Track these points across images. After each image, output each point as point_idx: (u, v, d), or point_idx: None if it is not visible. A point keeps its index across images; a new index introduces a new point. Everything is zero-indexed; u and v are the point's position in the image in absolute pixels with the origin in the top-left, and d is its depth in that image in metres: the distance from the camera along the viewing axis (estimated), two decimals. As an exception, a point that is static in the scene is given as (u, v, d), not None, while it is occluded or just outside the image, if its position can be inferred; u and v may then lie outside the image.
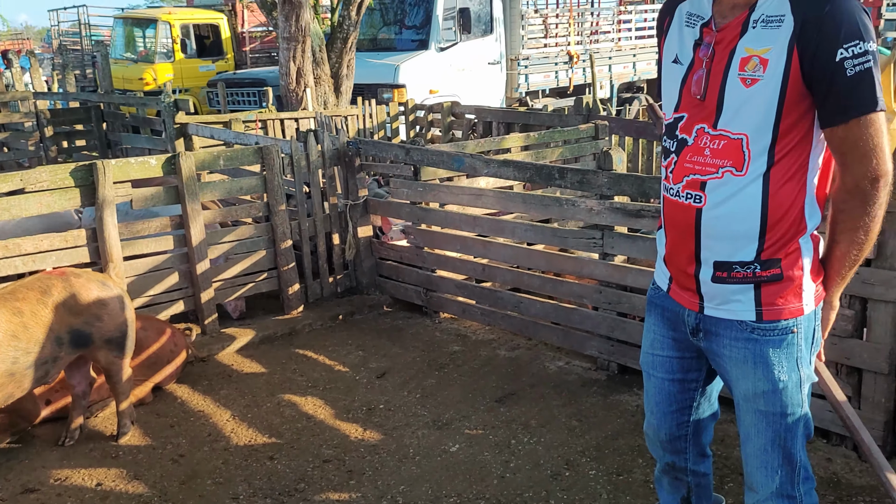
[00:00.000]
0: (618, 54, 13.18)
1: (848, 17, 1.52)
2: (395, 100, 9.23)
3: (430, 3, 10.43)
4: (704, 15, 1.71)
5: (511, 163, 4.08)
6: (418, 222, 4.65)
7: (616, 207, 3.59)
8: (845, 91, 1.52)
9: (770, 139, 1.61)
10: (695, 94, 1.69)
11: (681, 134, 1.73)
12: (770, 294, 1.68)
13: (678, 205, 1.74)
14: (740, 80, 1.61)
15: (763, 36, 1.59)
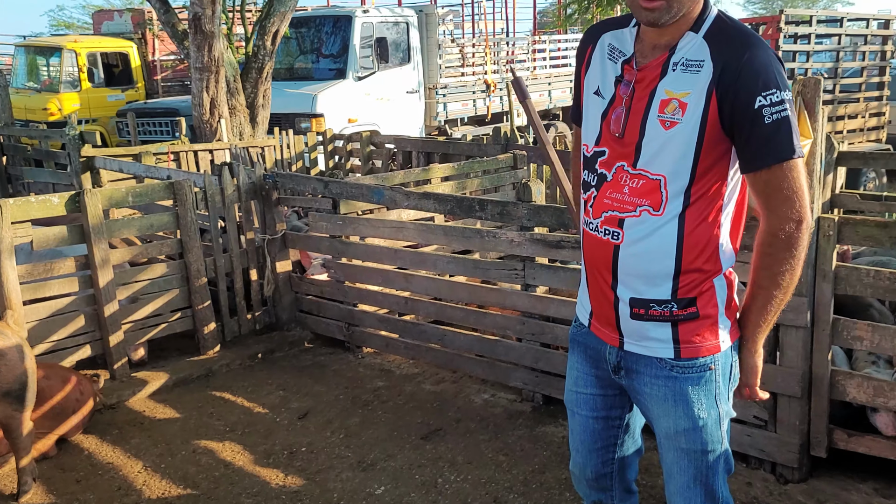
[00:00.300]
0: (533, 82, 13.43)
1: (765, 66, 1.54)
2: (313, 129, 9.13)
3: (346, 32, 10.41)
4: (626, 51, 1.72)
5: (431, 195, 4.06)
6: (339, 256, 4.56)
7: (536, 239, 3.61)
8: (764, 138, 1.54)
9: (687, 181, 1.63)
10: (614, 132, 1.70)
11: (601, 169, 1.73)
12: (687, 332, 1.70)
13: (597, 239, 1.75)
14: (660, 122, 1.62)
15: (683, 79, 1.61)
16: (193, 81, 7.61)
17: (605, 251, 1.73)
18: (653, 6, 1.56)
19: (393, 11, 11.25)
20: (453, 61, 12.31)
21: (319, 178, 4.62)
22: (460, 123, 12.21)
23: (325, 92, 9.81)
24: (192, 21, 7.29)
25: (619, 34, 1.76)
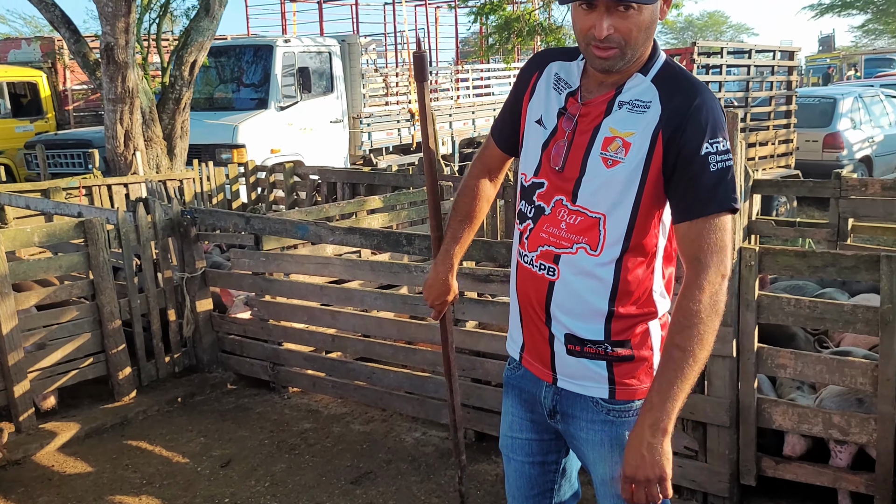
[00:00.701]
0: (457, 111, 13.53)
1: (713, 115, 1.53)
2: (234, 161, 8.92)
3: (268, 61, 10.25)
4: (572, 84, 1.68)
5: (357, 230, 3.98)
6: (262, 294, 4.41)
7: (465, 273, 3.56)
8: (708, 186, 1.51)
9: (627, 223, 1.59)
10: (554, 165, 1.66)
11: (538, 201, 1.69)
12: (622, 373, 1.66)
13: (531, 273, 1.71)
14: (602, 159, 1.59)
15: (628, 119, 1.58)
16: (106, 113, 7.33)
17: (539, 286, 1.69)
18: (607, 55, 1.52)
19: (315, 41, 11.16)
20: (377, 90, 12.29)
21: (240, 213, 4.47)
22: (385, 152, 12.16)
23: (247, 122, 9.62)
24: (105, 51, 7.04)
25: (567, 66, 1.72)
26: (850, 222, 4.94)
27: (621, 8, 1.48)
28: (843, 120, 9.98)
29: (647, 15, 1.50)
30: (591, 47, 1.53)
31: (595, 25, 1.49)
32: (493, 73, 15.15)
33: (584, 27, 1.52)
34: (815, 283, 4.16)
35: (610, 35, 1.49)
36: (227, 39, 13.65)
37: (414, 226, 5.69)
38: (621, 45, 1.50)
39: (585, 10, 1.51)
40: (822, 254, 2.86)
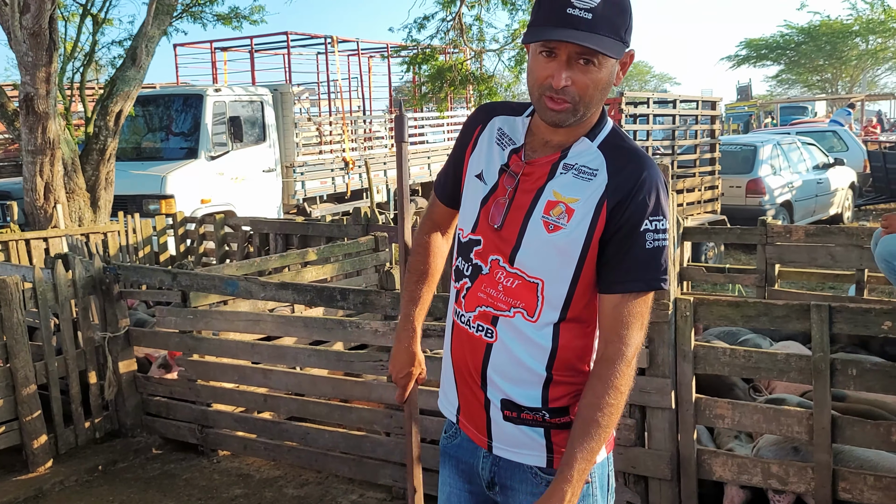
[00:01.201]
0: (392, 159, 13.55)
1: (658, 191, 1.51)
2: (162, 212, 8.66)
3: (198, 110, 10.08)
4: (516, 140, 1.63)
5: (290, 285, 3.86)
6: (190, 353, 4.23)
7: (401, 328, 3.48)
8: (641, 261, 1.49)
9: (566, 291, 1.55)
10: (492, 223, 1.60)
11: (476, 259, 1.63)
12: (561, 441, 1.60)
13: (468, 334, 1.64)
14: (543, 223, 1.54)
15: (573, 185, 1.54)
16: (25, 165, 7.03)
17: (476, 348, 1.62)
18: (560, 108, 1.48)
19: (247, 90, 11.05)
20: (311, 139, 12.21)
21: (166, 269, 4.30)
22: (319, 201, 12.04)
23: (176, 172, 9.39)
24: (24, 101, 6.78)
25: (511, 121, 1.67)
26: (777, 268, 5.07)
27: (582, 61, 1.45)
28: (764, 166, 10.38)
29: (605, 73, 1.48)
30: (545, 98, 1.49)
31: (553, 75, 1.46)
32: (427, 122, 15.29)
33: (542, 75, 1.48)
34: (746, 329, 4.23)
35: (567, 87, 1.46)
36: (156, 88, 13.42)
37: (349, 278, 5.58)
38: (575, 100, 1.47)
39: (546, 57, 1.47)
40: (755, 304, 2.90)
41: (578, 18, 1.41)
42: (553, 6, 1.43)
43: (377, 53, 15.87)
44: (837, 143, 14.53)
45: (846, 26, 37.84)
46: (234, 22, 9.69)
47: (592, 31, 1.41)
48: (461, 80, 13.23)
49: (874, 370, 2.71)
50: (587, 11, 1.41)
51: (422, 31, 12.36)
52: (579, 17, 1.41)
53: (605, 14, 1.42)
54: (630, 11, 1.49)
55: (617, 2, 1.45)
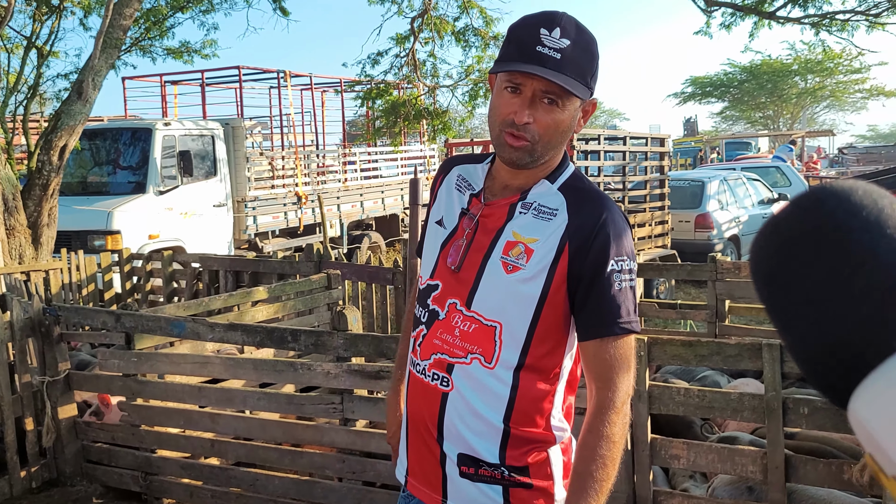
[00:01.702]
0: (345, 193, 13.48)
1: (621, 231, 1.49)
2: (108, 248, 8.44)
3: (146, 144, 9.90)
4: (475, 185, 1.62)
5: (239, 326, 3.76)
6: (133, 396, 4.07)
7: (354, 370, 3.41)
8: (613, 305, 1.46)
9: (524, 335, 1.49)
10: (451, 265, 1.56)
11: (433, 304, 1.58)
12: (520, 500, 1.54)
13: (423, 384, 1.58)
14: (502, 263, 1.51)
15: (533, 225, 1.51)
16: (-37, 200, 6.80)
17: (431, 398, 1.56)
18: (519, 145, 1.46)
19: (197, 124, 10.91)
20: (263, 173, 12.10)
21: (109, 310, 4.16)
22: (272, 236, 11.89)
23: (123, 207, 9.18)
24: (-36, 134, 6.58)
25: (471, 168, 1.67)
26: (728, 303, 5.14)
27: (546, 101, 1.44)
28: (712, 201, 10.61)
29: (567, 115, 1.46)
30: (505, 134, 1.47)
31: (517, 111, 1.44)
32: (382, 157, 15.30)
33: (506, 111, 1.46)
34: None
35: (528, 124, 1.44)
36: (105, 121, 13.18)
37: (301, 316, 5.48)
38: (535, 139, 1.45)
39: (510, 93, 1.46)
40: (707, 343, 2.91)
41: (547, 56, 1.41)
42: (522, 42, 1.44)
43: (331, 88, 15.88)
44: (781, 178, 14.96)
45: (786, 66, 39.33)
46: (185, 56, 9.59)
47: (560, 71, 1.41)
48: (415, 115, 13.30)
49: (825, 408, 2.73)
50: (556, 51, 1.41)
51: (375, 67, 12.41)
52: (548, 55, 1.41)
53: (574, 56, 1.42)
54: (597, 58, 1.49)
55: (585, 46, 1.45)
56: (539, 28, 1.43)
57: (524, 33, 1.44)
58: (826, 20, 8.59)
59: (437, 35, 12.08)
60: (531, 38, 1.42)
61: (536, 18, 1.45)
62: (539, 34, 1.42)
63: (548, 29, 1.42)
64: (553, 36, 1.42)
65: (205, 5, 8.85)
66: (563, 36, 1.42)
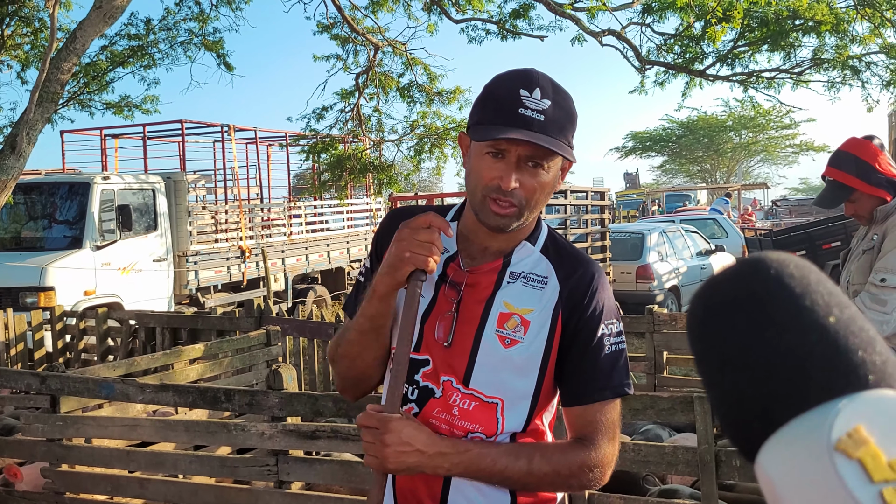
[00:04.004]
0: (291, 247, 13.39)
1: (608, 294, 1.47)
2: (41, 305, 8.17)
3: (84, 199, 9.70)
4: (448, 247, 1.50)
5: (171, 387, 3.65)
6: (58, 462, 3.90)
7: (290, 430, 3.34)
8: (605, 369, 1.43)
9: (528, 410, 1.45)
10: (440, 340, 1.46)
11: (424, 381, 1.47)
12: None
13: None
14: (498, 337, 1.44)
15: (525, 294, 1.45)
16: None
17: (432, 482, 1.45)
18: (506, 212, 1.39)
19: (137, 178, 10.76)
20: (206, 227, 11.95)
21: (34, 372, 4.01)
22: (214, 291, 11.69)
23: (57, 262, 8.92)
24: None
25: None
26: (665, 355, 5.22)
27: (531, 164, 1.38)
28: (652, 253, 10.85)
29: (552, 177, 1.42)
30: (490, 200, 1.39)
31: (502, 177, 1.37)
32: (328, 210, 15.28)
33: (489, 177, 1.38)
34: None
35: (515, 190, 1.37)
36: (42, 175, 12.89)
37: (240, 374, 5.37)
38: (522, 203, 1.39)
39: (493, 158, 1.38)
40: (640, 397, 2.94)
41: (531, 119, 1.35)
42: (503, 105, 1.37)
43: (276, 142, 15.87)
44: (718, 229, 15.43)
45: (721, 121, 40.94)
46: (125, 111, 9.49)
47: (545, 133, 1.35)
48: (361, 169, 13.36)
49: (756, 460, 2.76)
50: (539, 113, 1.36)
51: (321, 121, 12.47)
52: (532, 117, 1.35)
53: (556, 117, 1.38)
54: (576, 117, 1.44)
55: (566, 106, 1.41)
56: (518, 89, 1.37)
57: (503, 95, 1.38)
58: (753, 78, 8.98)
59: (381, 91, 12.24)
60: (511, 100, 1.36)
61: (514, 79, 1.40)
62: (520, 96, 1.36)
63: (528, 90, 1.37)
64: (534, 97, 1.36)
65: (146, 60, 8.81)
66: (544, 96, 1.37)
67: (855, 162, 2.83)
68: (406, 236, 1.36)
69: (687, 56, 8.80)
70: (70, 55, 7.23)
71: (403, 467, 1.31)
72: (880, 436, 0.46)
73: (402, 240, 1.36)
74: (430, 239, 1.35)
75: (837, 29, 7.74)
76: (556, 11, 8.09)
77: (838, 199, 2.94)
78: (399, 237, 1.37)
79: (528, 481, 1.37)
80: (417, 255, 1.34)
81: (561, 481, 1.39)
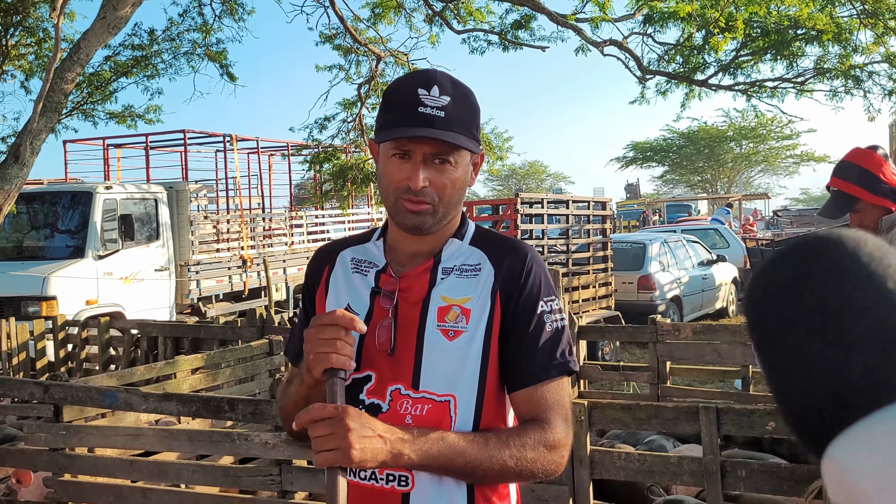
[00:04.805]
0: (292, 256, 13.39)
1: (544, 272, 1.47)
2: (43, 314, 8.17)
3: (87, 208, 9.71)
4: (377, 262, 1.50)
5: (174, 396, 3.65)
6: (60, 472, 3.89)
7: (291, 439, 3.33)
8: (548, 347, 1.41)
9: (475, 399, 1.41)
10: (382, 349, 1.42)
11: (370, 399, 1.41)
12: None
13: (375, 491, 1.39)
14: (441, 332, 1.41)
15: (460, 285, 1.45)
16: None
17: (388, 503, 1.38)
18: (420, 209, 1.39)
19: (140, 188, 10.78)
20: (207, 237, 11.96)
21: (37, 381, 4.00)
22: (216, 300, 11.69)
23: (60, 272, 8.93)
24: None
25: (362, 248, 1.56)
26: (668, 365, 5.21)
27: (437, 161, 1.39)
28: (653, 263, 10.85)
29: (461, 172, 1.42)
30: (402, 201, 1.40)
31: (410, 176, 1.38)
32: (329, 220, 15.29)
33: (398, 178, 1.40)
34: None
35: (425, 188, 1.38)
36: (45, 184, 12.92)
37: (243, 384, 5.36)
38: (434, 200, 1.40)
39: (399, 160, 1.40)
40: (645, 406, 2.93)
41: (432, 117, 1.36)
42: (402, 106, 1.38)
43: (277, 152, 15.90)
44: (719, 240, 15.43)
45: (721, 132, 41.00)
46: (128, 121, 9.52)
47: (447, 129, 1.36)
48: (363, 179, 13.38)
49: (761, 471, 2.76)
50: (439, 110, 1.37)
51: (323, 132, 12.50)
52: (432, 115, 1.36)
53: (456, 112, 1.38)
54: (479, 111, 1.46)
55: (465, 100, 1.42)
56: (416, 88, 1.38)
57: (402, 96, 1.39)
58: (755, 87, 9.01)
59: (383, 101, 12.27)
60: (411, 100, 1.37)
61: (411, 80, 1.42)
62: (418, 95, 1.37)
63: (426, 88, 1.38)
64: (433, 94, 1.37)
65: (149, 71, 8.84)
66: (443, 93, 1.38)
67: (859, 172, 2.83)
68: (311, 336, 1.29)
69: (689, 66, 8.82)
70: (74, 65, 7.26)
71: (368, 455, 1.24)
72: None
73: (308, 340, 1.29)
74: (334, 336, 1.27)
75: (839, 38, 7.76)
76: (559, 22, 8.12)
77: (843, 209, 2.94)
78: (306, 336, 1.30)
79: (489, 466, 1.32)
80: (321, 356, 1.27)
81: (524, 465, 1.34)
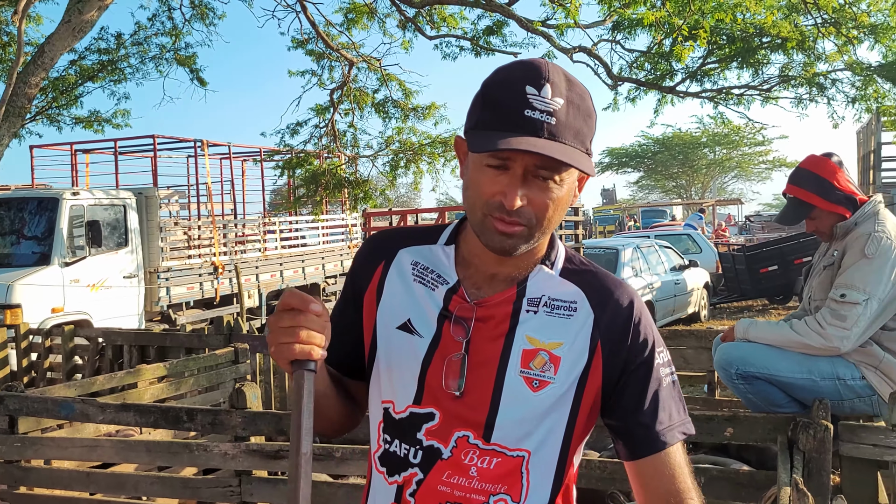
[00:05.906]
0: (265, 263, 13.29)
1: (651, 319, 1.26)
2: (7, 322, 8.02)
3: (53, 214, 9.56)
4: (448, 277, 1.27)
5: (132, 406, 3.59)
6: (16, 485, 3.80)
7: (253, 449, 3.29)
8: (671, 405, 1.23)
9: (556, 460, 1.23)
10: (449, 389, 1.22)
11: (429, 440, 1.22)
12: None
13: None
14: (524, 380, 1.21)
15: (550, 325, 1.23)
16: None
17: None
18: (512, 231, 1.16)
19: (108, 193, 10.64)
20: (178, 243, 11.83)
21: (-8, 392, 3.91)
22: (186, 307, 11.56)
23: (25, 279, 8.79)
24: None
25: (426, 251, 1.31)
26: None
27: (541, 177, 1.15)
28: (626, 268, 10.90)
29: (566, 191, 1.18)
30: (492, 219, 1.16)
31: (506, 192, 1.14)
32: (303, 225, 15.21)
33: (490, 192, 1.15)
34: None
35: (522, 208, 1.14)
36: (10, 190, 12.71)
37: (208, 392, 5.29)
38: (532, 223, 1.16)
39: (495, 170, 1.15)
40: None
41: (540, 123, 1.12)
42: (507, 106, 1.13)
43: (250, 157, 15.80)
44: (692, 245, 15.56)
45: (695, 138, 41.46)
46: (94, 125, 9.40)
47: (557, 140, 1.12)
48: (336, 184, 13.33)
49: (720, 478, 2.77)
50: (549, 115, 1.12)
51: (295, 137, 12.43)
52: (541, 120, 1.12)
53: (570, 118, 1.14)
54: (594, 117, 1.20)
55: (582, 105, 1.17)
56: (524, 86, 1.13)
57: (506, 94, 1.14)
58: (722, 94, 9.11)
59: (357, 106, 12.24)
60: (516, 100, 1.13)
61: (518, 73, 1.15)
62: (526, 94, 1.12)
63: (535, 86, 1.13)
64: (543, 95, 1.12)
65: (116, 75, 8.74)
66: (556, 94, 1.13)
67: (814, 179, 2.85)
68: (271, 324, 1.11)
69: (657, 73, 8.90)
70: (38, 69, 7.16)
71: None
72: None
73: (270, 330, 1.12)
74: (292, 323, 1.09)
75: (803, 46, 7.88)
76: (528, 28, 8.15)
77: (799, 216, 2.96)
78: (268, 325, 1.14)
79: None
80: (283, 346, 1.09)
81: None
